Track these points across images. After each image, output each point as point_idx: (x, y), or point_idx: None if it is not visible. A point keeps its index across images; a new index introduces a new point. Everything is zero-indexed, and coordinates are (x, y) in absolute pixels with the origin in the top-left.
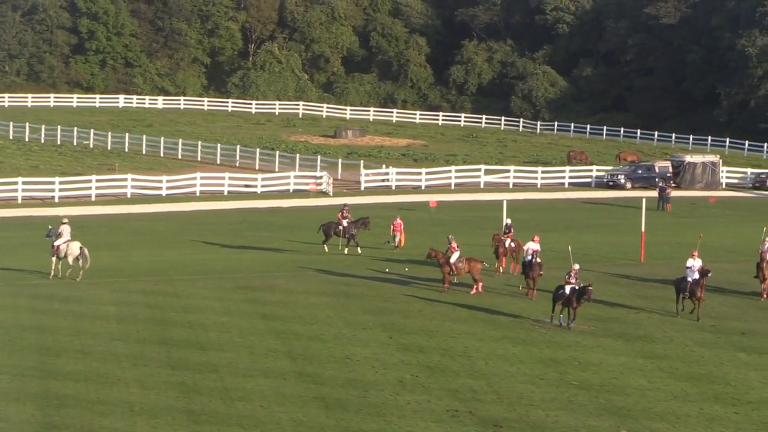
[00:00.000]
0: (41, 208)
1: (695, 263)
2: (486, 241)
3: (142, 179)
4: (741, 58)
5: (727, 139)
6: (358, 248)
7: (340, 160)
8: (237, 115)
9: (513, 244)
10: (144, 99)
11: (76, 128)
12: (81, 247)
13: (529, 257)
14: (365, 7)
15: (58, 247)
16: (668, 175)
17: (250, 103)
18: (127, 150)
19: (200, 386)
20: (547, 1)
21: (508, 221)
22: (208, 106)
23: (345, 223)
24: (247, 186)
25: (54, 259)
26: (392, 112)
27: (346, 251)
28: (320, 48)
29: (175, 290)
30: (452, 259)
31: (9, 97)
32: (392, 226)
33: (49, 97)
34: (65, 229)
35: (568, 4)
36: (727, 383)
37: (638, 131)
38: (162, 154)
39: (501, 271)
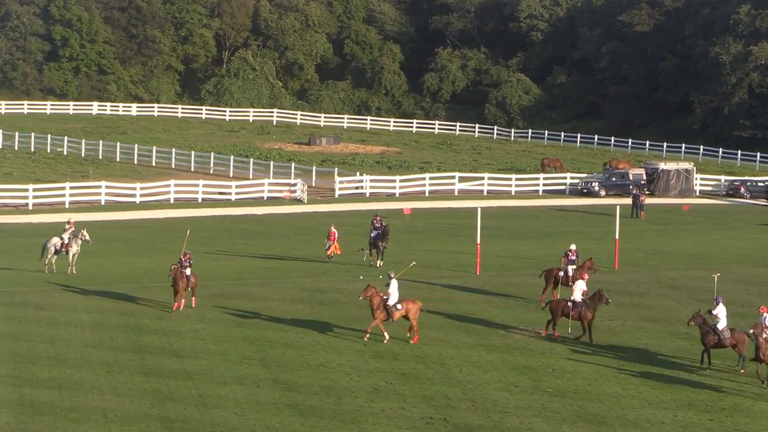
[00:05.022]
0: (15, 215)
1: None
2: (458, 248)
3: (116, 186)
4: (715, 65)
5: (701, 147)
6: (379, 262)
7: (314, 168)
8: (211, 123)
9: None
10: (118, 106)
11: (49, 135)
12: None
13: (579, 297)
14: (339, 14)
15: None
16: (642, 182)
17: (224, 111)
18: (101, 157)
19: (175, 393)
20: (520, 9)
21: (573, 247)
22: (182, 113)
23: (373, 233)
24: (221, 193)
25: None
26: (366, 120)
27: (365, 258)
28: (294, 55)
29: (149, 297)
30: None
31: None
32: (328, 235)
33: (22, 104)
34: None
35: (542, 11)
36: (701, 390)
37: (612, 138)
38: (136, 162)
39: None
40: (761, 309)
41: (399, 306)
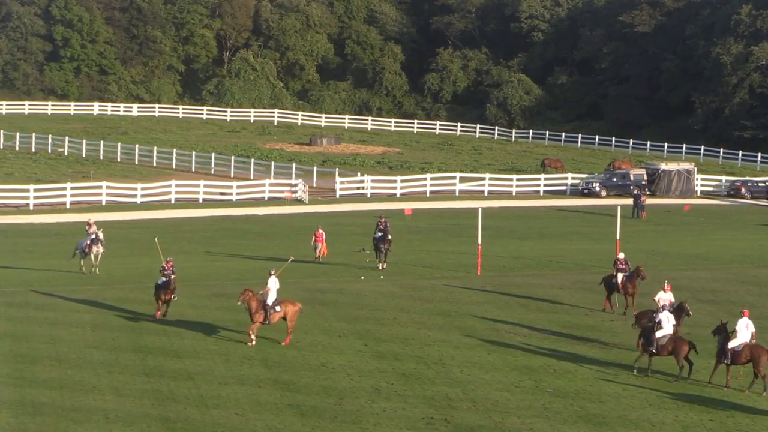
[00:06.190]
0: (16, 215)
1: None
2: (459, 248)
3: (117, 187)
4: (716, 66)
5: (702, 147)
6: (382, 264)
7: (315, 168)
8: (212, 123)
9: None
10: (119, 106)
11: (50, 136)
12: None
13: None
14: (340, 14)
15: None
16: (643, 182)
17: (225, 111)
18: (101, 157)
19: (176, 394)
20: (522, 9)
21: (621, 256)
22: (183, 113)
23: (378, 235)
24: (222, 194)
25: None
26: (367, 120)
27: (368, 259)
28: (295, 55)
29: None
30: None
31: None
32: (314, 237)
33: (23, 105)
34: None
35: (543, 12)
36: (701, 390)
37: (613, 139)
38: (137, 162)
39: None
40: (744, 312)
41: (277, 307)
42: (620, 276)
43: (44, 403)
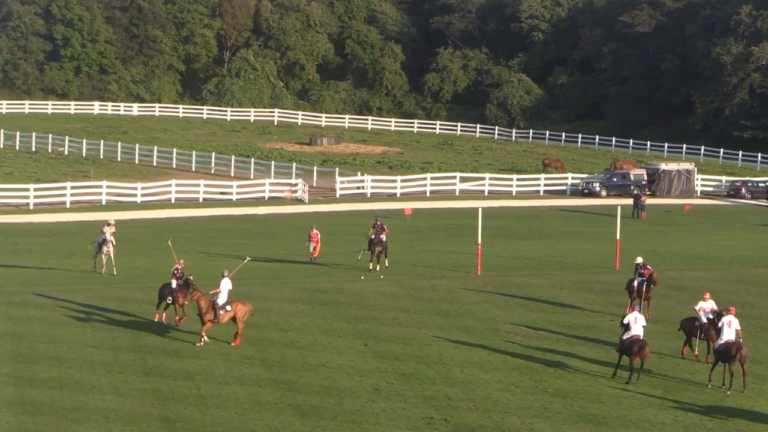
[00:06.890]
0: (16, 215)
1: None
2: (459, 248)
3: (117, 186)
4: (716, 66)
5: (702, 147)
6: (381, 264)
7: (315, 168)
8: (212, 123)
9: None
10: (119, 106)
11: (50, 135)
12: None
13: (705, 318)
14: (340, 14)
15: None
16: (643, 182)
17: (226, 111)
18: (102, 157)
19: (175, 393)
20: (522, 9)
21: (640, 260)
22: (183, 113)
23: (372, 236)
24: (222, 193)
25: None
26: (367, 120)
27: (359, 257)
28: (295, 55)
29: (150, 297)
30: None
31: None
32: (309, 237)
33: (23, 104)
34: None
35: (543, 11)
36: (702, 391)
37: (613, 139)
38: (137, 161)
39: None
40: (730, 309)
41: (228, 307)
42: (636, 281)
43: (44, 403)
